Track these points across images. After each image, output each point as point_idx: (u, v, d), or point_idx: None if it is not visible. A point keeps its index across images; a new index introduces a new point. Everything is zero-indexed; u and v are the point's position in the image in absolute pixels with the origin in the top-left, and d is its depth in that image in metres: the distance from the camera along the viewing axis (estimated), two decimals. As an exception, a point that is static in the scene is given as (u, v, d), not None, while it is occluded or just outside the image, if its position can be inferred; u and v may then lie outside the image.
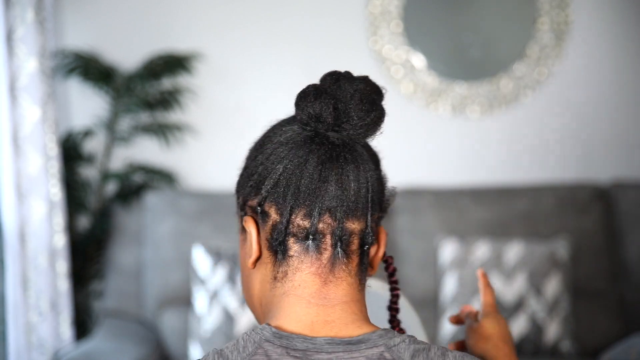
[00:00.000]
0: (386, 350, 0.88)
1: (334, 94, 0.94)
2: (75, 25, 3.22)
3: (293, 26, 3.27)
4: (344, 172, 0.92)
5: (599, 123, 3.30)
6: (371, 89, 0.96)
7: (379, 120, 0.96)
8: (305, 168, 0.92)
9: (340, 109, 0.94)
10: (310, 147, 0.93)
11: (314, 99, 0.93)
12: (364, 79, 0.97)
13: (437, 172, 3.30)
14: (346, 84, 0.95)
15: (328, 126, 0.93)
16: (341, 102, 0.94)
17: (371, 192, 0.95)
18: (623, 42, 3.28)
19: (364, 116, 0.94)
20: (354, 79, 0.96)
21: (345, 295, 0.93)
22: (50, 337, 2.71)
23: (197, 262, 2.81)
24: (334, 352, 0.87)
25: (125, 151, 3.23)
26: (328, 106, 0.92)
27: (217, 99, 3.28)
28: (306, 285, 0.93)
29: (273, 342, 0.88)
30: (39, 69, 2.65)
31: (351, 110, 0.94)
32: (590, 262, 3.00)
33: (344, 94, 0.94)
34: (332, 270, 0.93)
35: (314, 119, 0.93)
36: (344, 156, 0.93)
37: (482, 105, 3.30)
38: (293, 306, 0.92)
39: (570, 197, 3.06)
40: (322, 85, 0.96)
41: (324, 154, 0.93)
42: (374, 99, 0.96)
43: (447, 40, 3.29)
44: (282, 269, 0.94)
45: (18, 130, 2.64)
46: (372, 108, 0.95)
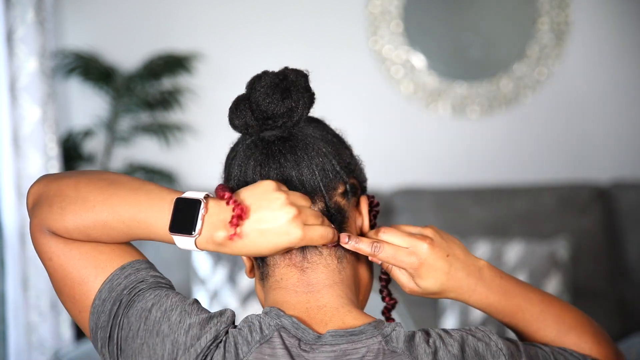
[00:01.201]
0: (383, 339, 0.91)
1: (249, 97, 0.99)
2: (75, 25, 3.22)
3: (293, 26, 3.27)
4: (281, 165, 0.97)
5: (599, 123, 3.30)
6: (282, 79, 0.98)
7: (297, 104, 0.98)
8: (247, 174, 0.98)
9: (255, 110, 0.98)
10: (248, 153, 0.99)
11: (235, 110, 1.00)
12: (277, 72, 0.99)
13: (437, 172, 3.30)
14: (257, 84, 0.99)
15: (256, 129, 0.99)
16: (254, 104, 0.98)
17: (319, 171, 0.98)
18: (623, 42, 3.28)
19: (276, 107, 0.97)
20: (264, 76, 0.99)
21: (326, 278, 0.97)
22: (50, 337, 2.71)
23: (197, 262, 2.81)
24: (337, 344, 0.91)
25: (125, 151, 3.23)
26: (247, 111, 0.98)
27: (217, 99, 3.28)
28: (287, 277, 0.98)
29: (289, 331, 0.92)
30: (39, 69, 2.65)
31: (262, 107, 0.98)
32: (590, 262, 3.00)
33: (255, 95, 0.98)
34: (304, 257, 0.98)
35: (243, 127, 0.99)
36: (278, 150, 0.97)
37: (482, 106, 3.30)
38: (284, 297, 0.97)
39: (570, 197, 3.06)
40: (243, 93, 1.01)
41: (259, 155, 0.98)
42: (286, 86, 0.98)
43: (447, 40, 3.29)
44: (264, 269, 1.00)
45: (18, 130, 2.64)
46: (283, 96, 0.97)
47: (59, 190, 0.97)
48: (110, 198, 0.94)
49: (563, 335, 1.04)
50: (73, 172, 1.01)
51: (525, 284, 1.06)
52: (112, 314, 0.94)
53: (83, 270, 0.96)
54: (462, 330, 0.95)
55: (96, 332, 0.95)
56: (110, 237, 0.96)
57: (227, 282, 2.74)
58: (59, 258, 0.97)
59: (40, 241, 0.98)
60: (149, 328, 0.91)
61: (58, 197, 0.96)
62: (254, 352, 0.90)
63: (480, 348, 0.93)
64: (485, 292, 1.02)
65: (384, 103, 3.30)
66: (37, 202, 0.98)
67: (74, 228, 0.95)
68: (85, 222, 0.95)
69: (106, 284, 0.95)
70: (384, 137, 3.28)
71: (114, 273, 0.95)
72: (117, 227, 0.95)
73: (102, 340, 0.94)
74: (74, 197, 0.95)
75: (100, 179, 0.97)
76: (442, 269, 0.99)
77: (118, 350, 0.93)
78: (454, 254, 1.01)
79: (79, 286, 0.96)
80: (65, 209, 0.95)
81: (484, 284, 1.02)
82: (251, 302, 2.68)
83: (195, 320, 0.91)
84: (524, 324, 1.04)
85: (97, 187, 0.96)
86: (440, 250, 1.00)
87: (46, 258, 0.98)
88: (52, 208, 0.96)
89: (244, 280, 2.73)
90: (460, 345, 0.92)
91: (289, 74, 0.99)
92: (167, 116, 3.22)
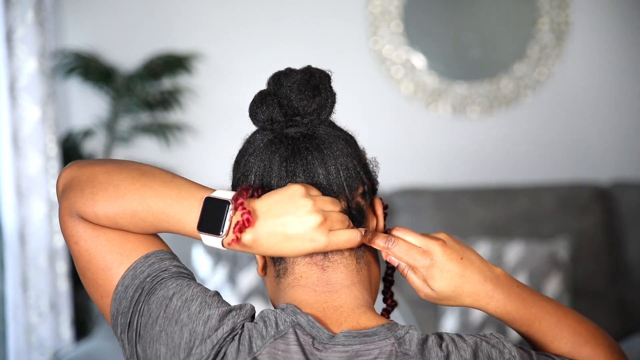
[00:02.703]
0: (396, 341, 0.92)
1: (276, 93, 0.99)
2: (75, 25, 3.22)
3: (293, 26, 3.27)
4: (308, 162, 0.97)
5: (599, 123, 3.30)
6: (311, 76, 0.99)
7: (326, 102, 1.00)
8: (272, 169, 0.97)
9: (285, 105, 0.98)
10: (272, 149, 0.98)
11: (261, 104, 0.99)
12: (303, 70, 1.01)
13: (437, 172, 3.30)
14: (285, 80, 0.99)
15: (282, 124, 0.99)
16: (284, 99, 0.98)
17: (343, 170, 0.98)
18: (623, 42, 3.28)
19: (308, 104, 0.98)
20: (292, 73, 1.00)
21: (345, 278, 0.98)
22: (50, 337, 2.71)
23: (197, 262, 2.81)
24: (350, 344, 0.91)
25: (125, 151, 3.23)
26: (274, 107, 0.98)
27: (217, 99, 3.28)
28: (307, 275, 0.98)
29: (304, 329, 0.92)
30: (39, 69, 2.65)
31: (293, 103, 0.98)
32: (590, 262, 3.00)
33: (284, 90, 0.99)
34: (325, 256, 0.98)
35: (268, 122, 0.99)
36: (305, 147, 0.98)
37: (482, 106, 3.30)
38: (302, 295, 0.97)
39: (570, 197, 3.06)
40: (268, 88, 1.01)
41: (285, 151, 0.98)
42: (316, 84, 0.99)
43: (447, 40, 3.29)
44: (282, 265, 0.99)
45: (18, 130, 2.64)
46: (314, 94, 0.98)
47: (91, 175, 0.98)
48: (141, 188, 0.96)
49: (579, 347, 1.03)
50: (106, 160, 1.02)
51: (541, 294, 1.05)
52: (133, 300, 0.95)
53: (108, 256, 0.97)
54: (476, 337, 0.95)
55: (117, 317, 0.96)
56: (137, 227, 0.97)
57: (227, 282, 2.74)
58: (86, 242, 0.98)
59: (69, 224, 0.99)
60: (168, 316, 0.93)
61: (90, 182, 0.97)
62: (267, 346, 0.91)
63: (493, 355, 0.93)
64: (504, 299, 1.00)
65: (384, 103, 3.30)
66: (67, 186, 0.99)
67: (104, 214, 0.96)
68: (115, 210, 0.96)
69: (129, 271, 0.96)
70: (384, 137, 3.28)
71: (138, 261, 0.97)
72: (146, 218, 0.96)
73: (122, 325, 0.95)
74: (105, 184, 0.96)
75: (133, 168, 0.99)
76: (456, 271, 0.99)
77: (137, 336, 0.94)
78: (469, 258, 1.00)
79: (103, 272, 0.97)
80: (97, 194, 0.96)
81: (502, 291, 1.00)
82: (251, 301, 2.68)
83: (214, 312, 0.92)
84: (540, 334, 1.03)
85: (130, 176, 0.97)
86: (453, 252, 0.99)
87: (72, 242, 0.99)
88: (83, 192, 0.97)
89: (244, 280, 2.73)
90: (473, 351, 0.93)
91: (315, 72, 1.00)
92: (167, 116, 3.22)
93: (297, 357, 0.90)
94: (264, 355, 0.90)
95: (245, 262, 2.74)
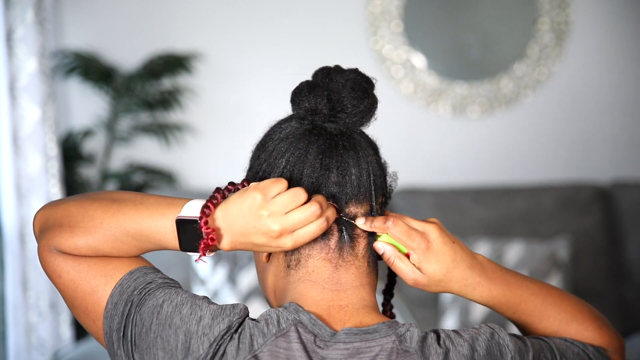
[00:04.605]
0: (397, 338, 0.92)
1: (326, 86, 1.00)
2: (75, 25, 3.22)
3: (293, 26, 3.27)
4: (343, 160, 0.98)
5: (599, 123, 3.30)
6: (362, 79, 1.01)
7: (372, 106, 1.02)
8: (306, 159, 0.97)
9: (334, 100, 0.99)
10: (310, 139, 0.98)
11: (308, 93, 0.99)
12: (354, 70, 1.02)
13: (437, 172, 3.30)
14: (337, 76, 1.00)
15: (324, 117, 0.99)
16: (334, 93, 0.99)
17: (373, 176, 1.00)
18: (623, 42, 3.28)
19: (357, 104, 1.00)
20: (344, 71, 1.01)
21: (355, 279, 0.99)
22: (50, 337, 2.71)
23: (197, 263, 2.80)
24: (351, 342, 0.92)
25: (125, 151, 3.23)
26: (322, 98, 0.98)
27: (217, 99, 3.28)
28: (319, 270, 0.98)
29: (306, 327, 0.93)
30: (38, 69, 2.65)
31: (344, 100, 0.99)
32: (590, 262, 3.00)
33: (336, 86, 0.99)
34: (340, 255, 0.98)
35: (310, 112, 0.99)
36: (342, 144, 0.98)
37: (482, 105, 3.30)
38: (310, 291, 0.97)
39: (570, 197, 3.06)
40: (315, 80, 1.01)
41: (322, 143, 0.98)
42: (365, 87, 1.01)
43: (447, 40, 3.29)
44: (294, 257, 0.99)
45: (18, 130, 2.64)
46: (364, 95, 1.00)
47: (65, 211, 1.00)
48: (115, 214, 0.97)
49: (566, 325, 1.05)
50: (75, 196, 1.04)
51: (523, 275, 1.06)
52: (124, 314, 0.96)
53: (93, 280, 0.99)
54: (472, 330, 0.96)
55: (110, 334, 0.97)
56: (122, 251, 0.99)
57: (227, 282, 2.74)
58: (68, 273, 1.00)
59: (49, 260, 1.01)
60: (161, 322, 0.94)
61: (66, 217, 0.99)
62: (269, 344, 0.91)
63: (490, 346, 0.94)
64: (489, 284, 1.02)
65: (384, 103, 3.26)
66: (44, 225, 1.01)
67: (85, 245, 0.98)
68: (96, 239, 0.98)
69: (116, 289, 0.97)
70: (383, 137, 3.27)
71: (123, 278, 0.98)
72: (127, 242, 0.98)
73: (117, 341, 0.96)
74: (80, 216, 0.99)
75: (104, 198, 1.00)
76: (449, 255, 0.99)
77: (133, 346, 0.95)
78: (458, 243, 1.01)
79: (90, 296, 0.99)
80: (75, 227, 0.98)
81: (487, 276, 1.02)
82: (251, 301, 2.68)
83: (206, 312, 0.93)
84: (527, 316, 1.05)
85: (102, 205, 0.99)
86: (447, 236, 1.00)
87: (55, 276, 1.00)
88: (62, 229, 0.99)
89: (244, 280, 2.73)
90: (470, 345, 0.94)
91: (365, 76, 1.02)
92: (167, 116, 3.22)
93: (298, 355, 0.91)
94: (265, 353, 0.91)
95: (246, 262, 2.74)
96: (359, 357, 0.91)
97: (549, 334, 1.05)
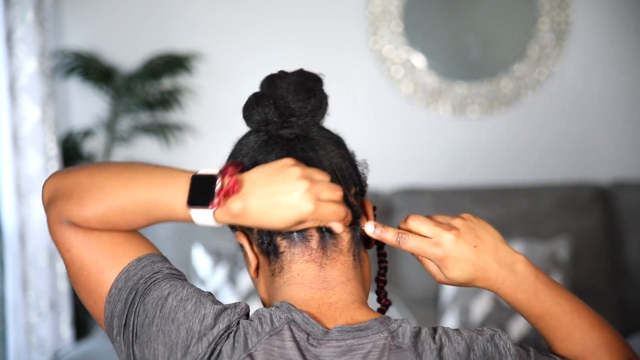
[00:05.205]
0: (389, 334, 0.92)
1: (271, 94, 1.00)
2: (75, 25, 3.22)
3: (293, 26, 3.27)
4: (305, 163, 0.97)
5: (599, 123, 3.30)
6: (305, 78, 1.01)
7: (321, 103, 1.01)
8: None
9: (281, 106, 0.99)
10: (267, 150, 0.99)
11: (256, 105, 1.00)
12: (298, 72, 1.02)
13: (437, 172, 3.30)
14: (280, 82, 1.01)
15: (277, 125, 0.99)
16: (280, 100, 1.00)
17: (339, 170, 0.99)
18: (623, 42, 3.28)
19: (304, 105, 0.99)
20: (287, 75, 1.02)
21: (342, 275, 0.99)
22: (50, 337, 2.71)
23: (197, 262, 2.81)
24: (344, 339, 0.92)
25: (125, 151, 3.23)
26: (270, 107, 0.99)
27: (217, 99, 3.28)
28: (304, 273, 0.98)
29: (299, 325, 0.93)
30: (38, 69, 2.65)
31: (290, 103, 0.99)
32: (590, 262, 3.00)
33: (280, 92, 1.00)
34: (324, 253, 0.98)
35: (263, 123, 0.99)
36: (300, 147, 0.98)
37: (482, 105, 3.30)
38: (298, 293, 0.97)
39: (570, 197, 3.06)
40: (261, 90, 1.02)
41: (280, 151, 0.98)
42: (310, 86, 1.00)
43: (447, 40, 3.29)
44: (277, 265, 0.99)
45: (18, 130, 2.64)
46: (309, 95, 1.00)
47: (75, 181, 0.99)
48: (126, 183, 0.96)
49: (588, 353, 1.00)
50: (85, 165, 1.03)
51: (562, 289, 1.02)
52: (128, 302, 0.95)
53: (100, 261, 0.98)
54: (473, 331, 0.95)
55: (111, 320, 0.96)
56: (128, 222, 0.97)
57: (227, 282, 2.74)
58: (77, 249, 0.98)
59: (59, 233, 0.99)
60: (164, 315, 0.93)
61: (75, 187, 0.98)
62: (263, 342, 0.91)
63: (489, 349, 0.93)
64: (514, 287, 1.01)
65: (384, 103, 3.30)
66: (53, 195, 1.00)
67: (93, 216, 0.97)
68: (104, 208, 0.96)
69: (122, 274, 0.97)
70: (384, 137, 3.28)
71: (131, 264, 0.97)
72: (135, 211, 0.96)
73: (117, 327, 0.96)
74: (90, 186, 0.97)
75: (115, 166, 1.00)
76: (469, 261, 0.99)
77: (134, 337, 0.95)
78: (483, 245, 1.00)
79: (95, 276, 0.98)
80: (84, 198, 0.97)
81: (514, 279, 1.01)
82: (251, 301, 2.68)
83: (209, 310, 0.93)
84: (548, 330, 1.02)
85: (113, 174, 0.98)
86: (465, 242, 0.99)
87: (64, 249, 0.99)
88: (70, 199, 0.98)
89: (244, 280, 2.73)
90: (468, 344, 0.93)
91: (309, 74, 1.02)
92: (167, 116, 3.22)
93: (292, 353, 0.91)
94: (260, 351, 0.91)
95: (245, 262, 2.75)
96: (352, 354, 0.91)
97: (568, 356, 1.01)
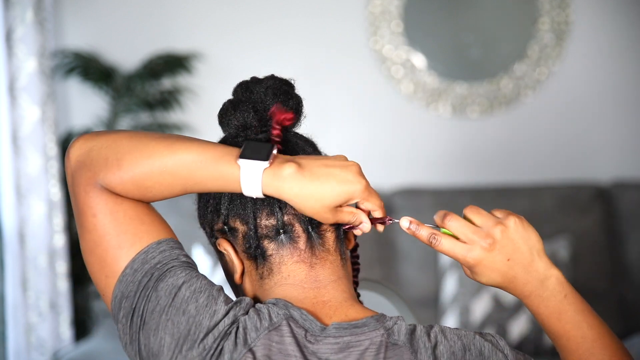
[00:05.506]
0: (385, 332, 0.93)
1: (249, 99, 1.01)
2: (75, 25, 3.22)
3: (293, 26, 3.27)
4: None
5: (599, 123, 3.30)
6: (280, 82, 1.01)
7: (298, 106, 1.01)
8: None
9: (260, 110, 1.00)
10: None
11: (234, 111, 1.01)
12: (271, 77, 1.02)
13: (437, 172, 3.30)
14: (256, 87, 1.01)
15: (256, 130, 1.00)
16: (258, 104, 1.00)
17: None
18: (623, 42, 3.28)
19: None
20: (262, 80, 1.02)
21: (332, 273, 1.00)
22: (50, 337, 2.71)
23: (197, 262, 2.81)
24: (341, 336, 0.93)
25: (125, 151, 3.23)
26: (249, 112, 1.00)
27: (217, 99, 3.25)
28: (295, 273, 0.99)
29: (297, 322, 0.94)
30: (38, 69, 2.65)
31: (269, 107, 0.99)
32: (591, 262, 2.99)
33: (257, 96, 1.00)
34: (313, 253, 0.99)
35: (241, 128, 1.00)
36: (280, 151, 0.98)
37: (482, 105, 3.30)
38: (291, 292, 0.98)
39: (570, 197, 3.06)
40: (236, 96, 1.03)
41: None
42: (286, 89, 1.01)
43: (447, 40, 3.29)
44: (265, 268, 1.00)
45: (18, 130, 2.64)
46: (287, 98, 1.00)
47: (113, 142, 0.96)
48: (172, 145, 0.94)
49: None
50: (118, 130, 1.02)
51: (590, 316, 1.00)
52: (141, 285, 0.95)
53: (122, 236, 0.96)
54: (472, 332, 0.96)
55: (120, 299, 0.95)
56: (164, 186, 0.95)
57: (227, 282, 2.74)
58: (105, 216, 0.96)
59: (89, 195, 0.96)
60: (176, 305, 0.93)
61: (113, 148, 0.95)
62: (262, 338, 0.92)
63: (486, 350, 0.94)
64: (538, 302, 0.99)
65: (384, 103, 3.30)
66: (86, 157, 0.97)
67: (129, 178, 0.94)
68: (143, 170, 0.94)
69: (140, 255, 0.95)
70: (384, 137, 3.28)
71: (150, 245, 0.96)
72: (177, 173, 0.93)
73: (125, 309, 0.95)
74: (130, 147, 0.95)
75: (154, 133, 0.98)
76: (499, 271, 0.98)
77: (142, 322, 0.94)
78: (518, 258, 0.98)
79: (113, 250, 0.96)
80: (122, 159, 0.94)
81: (542, 294, 0.98)
82: (251, 302, 2.68)
83: (220, 307, 0.94)
84: (563, 351, 1.00)
85: (154, 138, 0.95)
86: (499, 253, 0.98)
87: (90, 214, 0.96)
88: (107, 160, 0.95)
89: (243, 280, 2.73)
90: (464, 344, 0.93)
91: (282, 79, 1.02)
92: (167, 116, 3.22)
93: (291, 349, 0.92)
94: (259, 347, 0.91)
95: (245, 262, 2.75)
96: (349, 351, 0.92)
97: None
